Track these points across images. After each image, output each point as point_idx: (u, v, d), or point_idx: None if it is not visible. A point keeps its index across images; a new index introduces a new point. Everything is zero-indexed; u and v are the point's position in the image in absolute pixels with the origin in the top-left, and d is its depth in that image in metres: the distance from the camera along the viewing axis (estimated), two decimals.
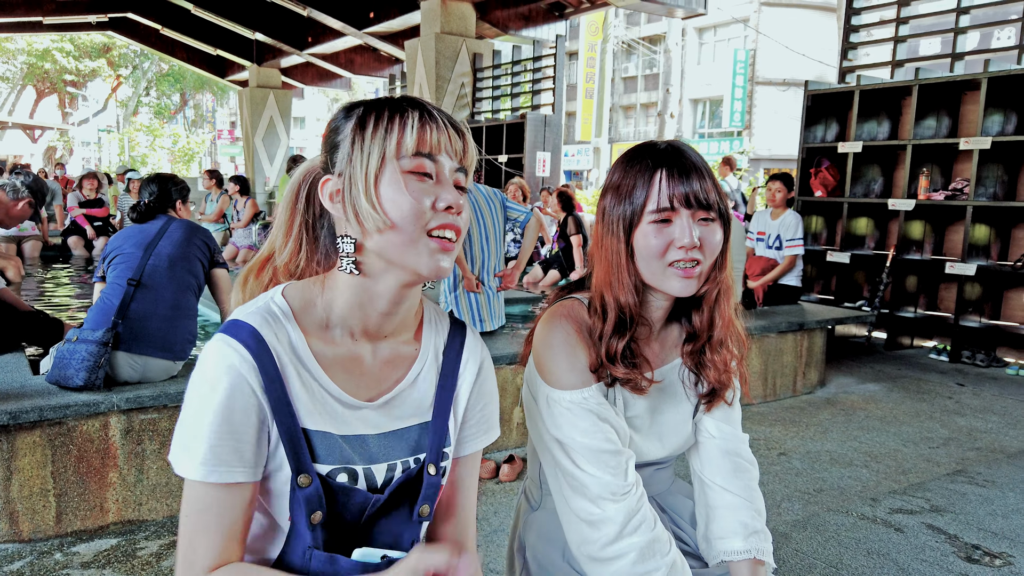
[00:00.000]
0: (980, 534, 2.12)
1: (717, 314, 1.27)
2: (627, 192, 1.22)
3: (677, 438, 1.34)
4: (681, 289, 1.21)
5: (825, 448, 3.94)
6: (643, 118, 31.12)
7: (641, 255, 1.21)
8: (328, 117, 1.10)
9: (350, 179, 0.97)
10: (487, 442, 1.18)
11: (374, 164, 0.96)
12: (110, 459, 2.85)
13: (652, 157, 1.22)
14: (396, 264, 0.98)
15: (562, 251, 7.42)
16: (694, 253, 1.19)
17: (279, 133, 18.65)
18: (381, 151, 0.96)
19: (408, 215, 0.95)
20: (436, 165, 0.98)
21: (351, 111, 1.02)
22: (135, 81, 34.20)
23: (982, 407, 4.78)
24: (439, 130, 0.98)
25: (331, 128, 1.03)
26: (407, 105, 0.99)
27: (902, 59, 7.12)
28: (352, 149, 0.98)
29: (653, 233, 1.20)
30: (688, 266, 1.19)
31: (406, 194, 0.96)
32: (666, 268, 1.20)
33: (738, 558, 1.28)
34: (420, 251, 0.97)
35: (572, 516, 1.24)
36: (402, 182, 0.96)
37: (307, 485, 0.97)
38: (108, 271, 3.08)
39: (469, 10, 11.48)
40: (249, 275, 1.12)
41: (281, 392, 0.97)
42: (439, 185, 0.98)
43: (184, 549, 0.96)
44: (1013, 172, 6.26)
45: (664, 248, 1.19)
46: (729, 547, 1.29)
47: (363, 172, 0.96)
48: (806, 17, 25.28)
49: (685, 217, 1.19)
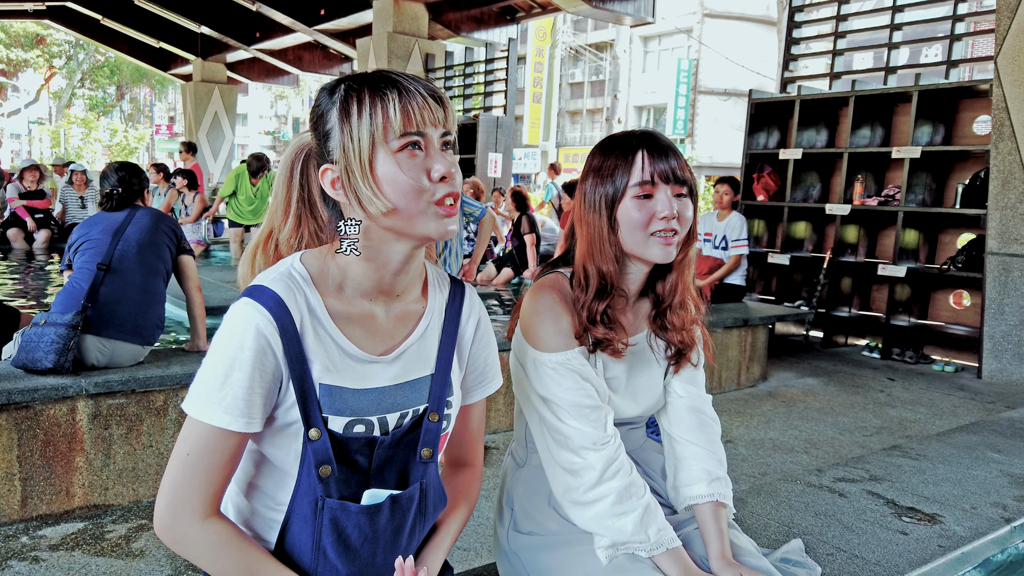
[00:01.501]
0: (914, 498, 2.33)
1: (679, 279, 1.43)
2: (608, 173, 1.37)
3: (649, 398, 1.49)
4: (662, 256, 1.35)
5: (768, 436, 4.17)
6: (589, 123, 31.56)
7: (625, 227, 1.35)
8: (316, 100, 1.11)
9: (346, 168, 1.03)
10: (491, 390, 1.30)
11: (366, 151, 1.01)
12: (77, 443, 2.85)
13: (631, 141, 1.37)
14: (407, 234, 1.07)
15: (516, 250, 7.55)
16: (673, 223, 1.33)
17: (224, 129, 18.33)
18: (369, 134, 1.01)
19: (408, 194, 1.03)
20: (424, 139, 1.03)
21: (333, 93, 1.06)
22: (69, 72, 33.07)
23: (911, 400, 5.09)
24: (420, 105, 1.03)
25: (317, 114, 1.08)
26: (384, 85, 1.03)
27: (839, 71, 7.49)
28: (343, 137, 1.03)
29: (636, 207, 1.34)
30: (668, 235, 1.34)
31: (402, 174, 1.02)
32: (649, 237, 1.34)
33: (702, 501, 1.42)
34: (428, 219, 1.05)
35: (556, 467, 1.36)
36: (396, 163, 1.02)
37: (316, 439, 1.05)
38: (75, 258, 3.07)
39: (422, 11, 11.55)
40: (256, 251, 1.19)
41: (299, 352, 1.05)
42: (430, 157, 1.05)
43: (171, 491, 1.02)
44: (940, 180, 6.65)
45: (647, 220, 1.34)
46: (694, 492, 1.43)
47: (357, 161, 1.02)
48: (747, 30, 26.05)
49: (665, 191, 1.34)
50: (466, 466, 1.33)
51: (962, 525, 2.15)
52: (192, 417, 1.02)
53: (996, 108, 5.67)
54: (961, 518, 2.20)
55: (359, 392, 1.10)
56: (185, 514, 1.02)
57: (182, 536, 1.03)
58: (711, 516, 1.40)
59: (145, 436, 2.99)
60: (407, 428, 1.13)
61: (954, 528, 2.12)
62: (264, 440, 1.10)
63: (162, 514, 1.03)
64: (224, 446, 1.03)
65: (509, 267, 7.59)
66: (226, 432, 1.02)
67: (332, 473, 1.07)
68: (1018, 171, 5.57)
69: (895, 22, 7.03)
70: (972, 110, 6.52)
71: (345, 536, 1.08)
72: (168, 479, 1.03)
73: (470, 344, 1.25)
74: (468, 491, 1.30)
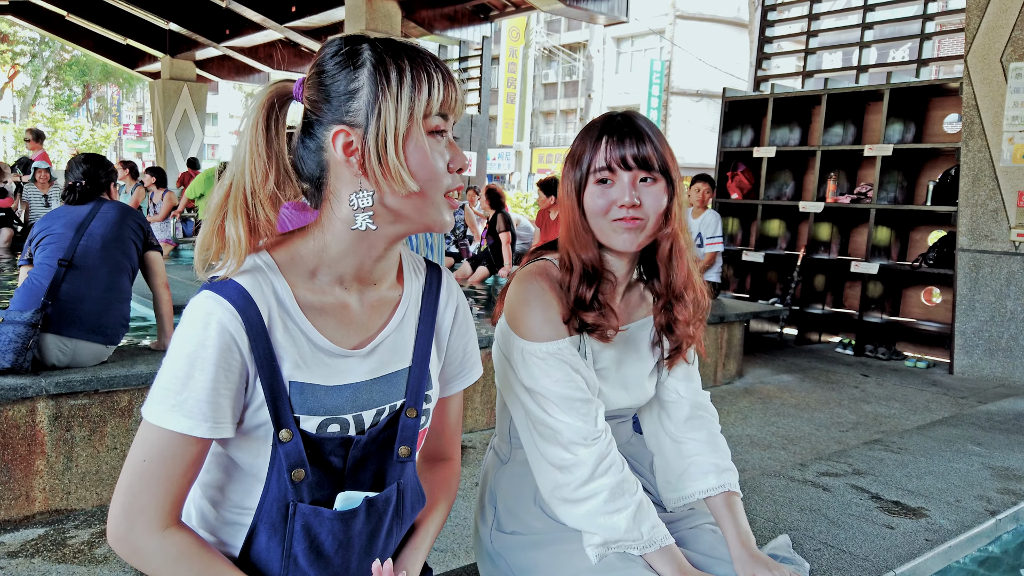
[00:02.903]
0: (898, 492, 2.31)
1: (672, 269, 1.37)
2: (578, 157, 1.34)
3: (640, 390, 1.44)
4: (624, 243, 1.30)
5: (746, 433, 4.16)
6: (563, 124, 31.59)
7: (590, 213, 1.32)
8: (323, 53, 0.97)
9: (377, 135, 0.95)
10: (472, 380, 1.23)
11: (403, 122, 0.95)
12: (37, 446, 2.75)
13: (601, 125, 1.33)
14: (411, 220, 1.00)
15: (491, 248, 7.50)
16: (635, 212, 1.29)
17: (193, 127, 18.01)
18: (410, 108, 0.95)
19: (434, 179, 0.98)
20: (447, 124, 1.00)
21: (357, 55, 0.97)
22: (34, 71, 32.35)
23: (885, 395, 5.12)
24: (456, 89, 0.99)
25: (327, 70, 0.98)
26: (427, 61, 0.98)
27: (812, 70, 7.54)
28: (377, 102, 0.95)
29: (598, 194, 1.31)
30: (629, 224, 1.29)
31: (430, 158, 0.97)
32: (611, 224, 1.30)
33: (714, 493, 1.39)
34: (439, 209, 1.00)
35: (544, 463, 1.30)
36: (426, 144, 0.97)
37: (288, 440, 0.97)
38: (36, 252, 2.96)
39: (395, 8, 11.43)
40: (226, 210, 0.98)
41: (267, 347, 0.97)
42: (451, 146, 1.01)
43: (126, 499, 0.94)
44: (912, 178, 6.72)
45: (607, 207, 1.30)
46: (705, 485, 1.39)
47: (393, 129, 0.94)
48: (719, 31, 26.22)
49: (625, 178, 1.29)
50: (444, 460, 1.26)
51: (948, 519, 2.13)
52: (149, 422, 0.94)
53: (966, 106, 5.73)
54: (946, 511, 2.18)
55: (332, 389, 1.02)
56: (141, 523, 0.94)
57: (138, 547, 0.94)
58: (725, 505, 1.37)
59: (109, 438, 2.89)
60: (383, 425, 1.06)
61: (940, 521, 2.10)
62: (231, 443, 1.02)
63: (116, 523, 0.94)
64: (185, 452, 0.95)
65: (484, 265, 7.53)
66: (188, 438, 0.94)
67: (305, 477, 0.99)
68: (988, 169, 5.63)
69: (866, 21, 7.10)
70: (942, 108, 6.59)
71: (318, 543, 1.01)
72: (123, 485, 0.94)
73: (448, 333, 1.18)
74: (447, 487, 1.24)
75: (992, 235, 5.64)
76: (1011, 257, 5.56)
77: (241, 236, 0.98)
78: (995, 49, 5.55)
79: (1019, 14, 5.42)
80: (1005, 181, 5.56)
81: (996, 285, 5.63)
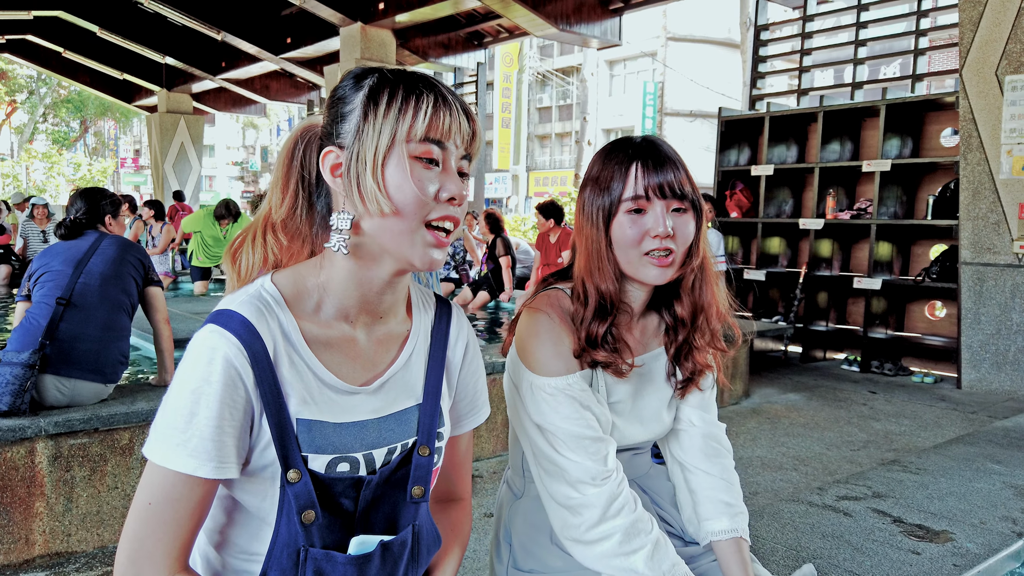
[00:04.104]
0: (921, 515, 2.26)
1: (702, 300, 1.33)
2: (605, 184, 1.27)
3: (657, 423, 1.39)
4: (656, 277, 1.25)
5: (756, 454, 4.09)
6: (559, 147, 31.74)
7: (618, 244, 1.26)
8: (339, 83, 1.01)
9: (356, 156, 0.94)
10: (480, 420, 1.19)
11: (384, 144, 0.93)
12: (36, 487, 2.68)
13: (628, 150, 1.28)
14: (390, 252, 0.97)
15: (491, 272, 7.46)
16: (667, 242, 1.24)
17: (190, 160, 18.08)
18: (392, 131, 0.94)
19: (411, 202, 0.94)
20: (444, 152, 0.96)
21: (361, 80, 0.98)
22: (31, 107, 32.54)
23: (895, 412, 5.06)
24: (452, 116, 0.96)
25: (337, 96, 1.00)
26: (423, 86, 0.96)
27: (806, 88, 7.56)
28: (362, 124, 0.95)
29: (629, 223, 1.25)
30: (662, 255, 1.24)
31: (411, 180, 0.94)
32: (641, 257, 1.25)
33: (725, 537, 1.34)
34: (416, 243, 0.96)
35: (553, 502, 1.26)
36: (408, 167, 0.94)
37: (296, 481, 0.94)
38: (34, 290, 2.91)
39: (389, 37, 11.51)
40: (247, 239, 1.04)
41: (273, 383, 0.94)
42: (444, 174, 0.96)
43: (132, 544, 0.90)
44: (911, 192, 6.71)
45: (640, 237, 1.24)
46: (716, 527, 1.34)
47: (372, 151, 0.93)
48: (710, 52, 26.43)
49: (659, 207, 1.24)
50: (455, 501, 1.22)
51: (974, 542, 2.07)
52: (153, 462, 0.90)
53: (963, 120, 5.73)
54: (972, 534, 2.13)
55: (340, 427, 0.98)
56: (148, 570, 0.90)
57: None
58: (735, 551, 1.32)
59: (110, 477, 2.83)
60: (395, 465, 1.02)
61: (966, 545, 2.04)
62: (236, 484, 0.98)
63: (123, 570, 0.90)
64: (191, 494, 0.91)
65: (485, 290, 7.50)
66: (193, 478, 0.90)
67: (316, 519, 0.95)
68: (988, 181, 5.63)
69: (859, 38, 7.14)
70: (938, 123, 6.60)
71: None
72: (129, 530, 0.91)
73: (459, 369, 1.14)
74: (460, 529, 1.19)
75: (995, 248, 5.62)
76: (1015, 269, 5.53)
77: (254, 266, 1.01)
78: (990, 63, 5.57)
79: (1012, 27, 5.44)
80: (1005, 193, 5.55)
81: (1001, 298, 5.59)
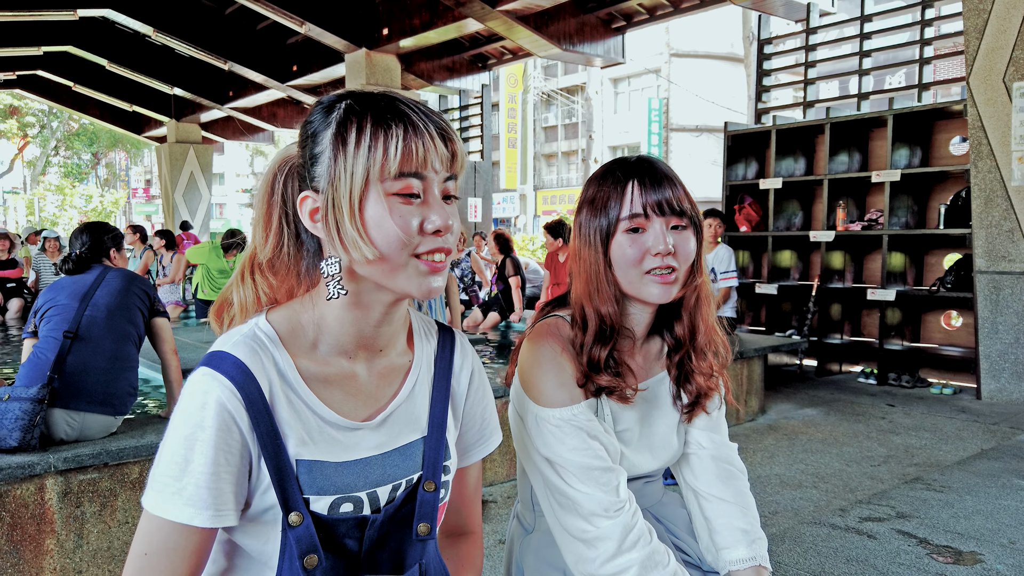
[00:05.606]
0: (948, 536, 2.19)
1: (698, 320, 1.30)
2: (602, 204, 1.25)
3: (667, 450, 1.35)
4: (659, 296, 1.22)
5: (774, 472, 4.02)
6: (565, 165, 31.81)
7: (618, 265, 1.23)
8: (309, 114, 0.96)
9: (332, 202, 0.90)
10: (491, 448, 1.15)
11: (358, 186, 0.89)
12: (47, 524, 2.66)
13: (624, 169, 1.25)
14: (386, 287, 0.94)
15: (501, 293, 7.44)
16: (669, 260, 1.21)
17: (200, 189, 18.22)
18: (364, 172, 0.89)
19: (394, 243, 0.90)
20: (424, 182, 0.91)
21: (329, 114, 0.93)
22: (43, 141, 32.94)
23: (914, 425, 4.98)
24: (425, 144, 0.90)
25: (308, 131, 0.95)
26: (391, 116, 0.91)
27: (812, 100, 7.54)
28: (333, 167, 0.90)
29: (628, 243, 1.22)
30: (664, 273, 1.21)
31: (390, 220, 0.89)
32: (643, 276, 1.22)
33: (744, 566, 1.29)
34: (409, 275, 0.92)
35: (566, 535, 1.22)
36: (387, 206, 0.89)
37: (298, 524, 0.91)
38: (41, 325, 2.91)
39: (394, 62, 11.59)
40: (238, 279, 1.02)
41: (270, 425, 0.91)
42: (426, 205, 0.91)
43: None
44: (922, 202, 6.66)
45: (640, 256, 1.21)
46: (735, 556, 1.30)
47: (347, 195, 0.89)
48: (714, 67, 26.48)
49: (658, 224, 1.22)
50: (465, 535, 1.17)
51: (1004, 563, 2.01)
52: (149, 512, 0.88)
53: (972, 127, 5.69)
54: (1001, 555, 2.06)
55: (342, 465, 0.95)
56: None
57: None
58: None
59: (120, 512, 2.80)
60: (400, 502, 0.99)
61: (996, 567, 1.97)
62: (237, 529, 0.95)
63: None
64: (187, 543, 0.88)
65: (495, 311, 7.47)
66: (189, 528, 0.87)
67: (319, 563, 0.92)
68: (1000, 189, 5.57)
69: (863, 49, 7.12)
70: (947, 131, 6.55)
71: None
72: None
73: (464, 398, 1.10)
74: (471, 564, 1.15)
75: (1010, 256, 5.54)
76: None
77: (247, 304, 0.98)
78: (997, 70, 5.53)
79: (1018, 34, 5.41)
80: (1018, 200, 5.49)
81: (1018, 306, 5.51)
